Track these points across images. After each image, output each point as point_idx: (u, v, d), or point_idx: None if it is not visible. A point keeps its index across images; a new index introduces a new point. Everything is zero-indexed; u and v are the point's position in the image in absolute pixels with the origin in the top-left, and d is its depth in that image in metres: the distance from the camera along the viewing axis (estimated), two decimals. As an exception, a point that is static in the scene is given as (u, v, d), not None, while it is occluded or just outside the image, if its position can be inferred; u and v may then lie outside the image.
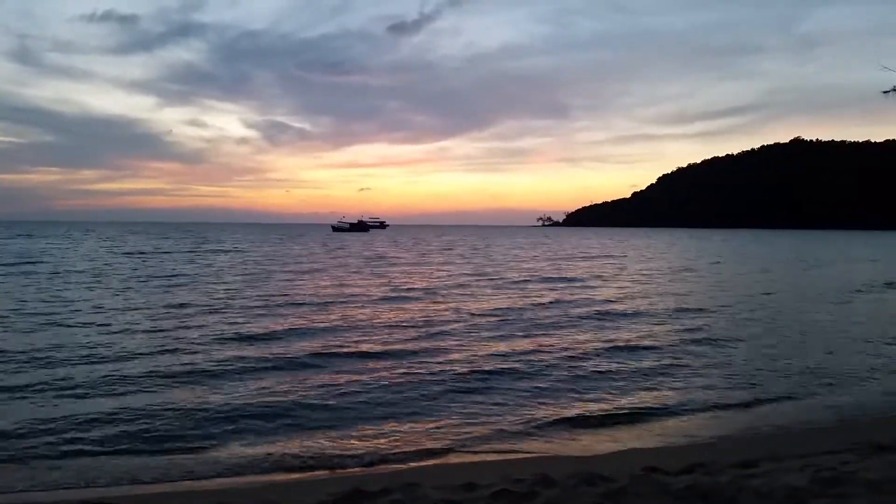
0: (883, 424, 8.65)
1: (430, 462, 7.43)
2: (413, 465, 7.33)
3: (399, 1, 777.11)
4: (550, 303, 21.99)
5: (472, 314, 19.03)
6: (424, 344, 14.31)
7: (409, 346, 14.10)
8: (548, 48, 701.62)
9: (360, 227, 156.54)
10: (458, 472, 6.52)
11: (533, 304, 21.50)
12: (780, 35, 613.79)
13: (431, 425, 8.69)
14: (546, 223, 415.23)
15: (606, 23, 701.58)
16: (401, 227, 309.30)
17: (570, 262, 47.09)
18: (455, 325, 16.95)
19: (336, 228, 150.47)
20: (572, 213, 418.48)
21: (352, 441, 8.09)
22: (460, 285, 28.41)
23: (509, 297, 23.72)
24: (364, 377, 11.09)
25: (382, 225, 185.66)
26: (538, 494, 5.32)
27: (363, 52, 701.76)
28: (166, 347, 13.39)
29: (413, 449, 7.81)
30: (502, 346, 14.11)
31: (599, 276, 34.02)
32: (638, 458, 6.88)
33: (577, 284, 29.55)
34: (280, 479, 6.85)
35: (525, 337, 15.44)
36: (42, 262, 38.24)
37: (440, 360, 12.60)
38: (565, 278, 32.68)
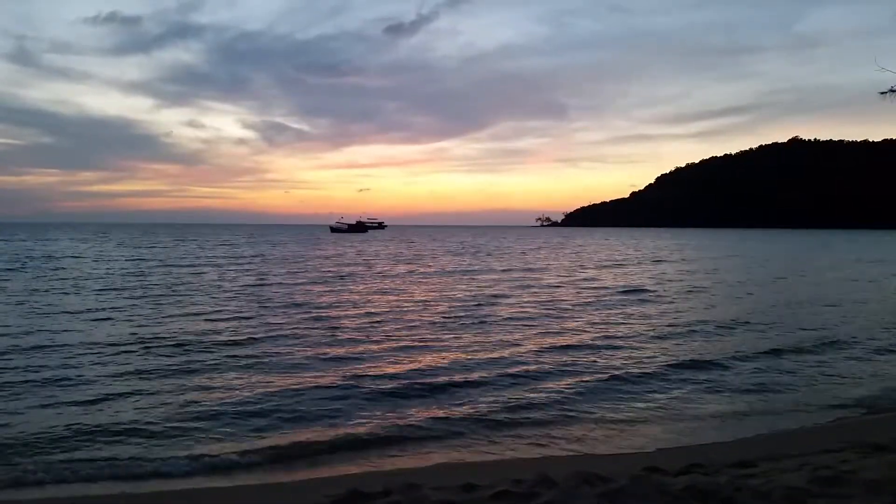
0: (882, 424, 8.66)
1: (430, 462, 7.43)
2: (413, 465, 7.32)
3: (396, 2, 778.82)
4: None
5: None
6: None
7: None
8: (546, 49, 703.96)
9: (359, 227, 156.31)
10: (457, 473, 6.50)
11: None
12: (778, 35, 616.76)
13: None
14: (545, 223, 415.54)
15: (604, 23, 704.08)
16: (399, 227, 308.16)
17: (638, 268, 42.74)
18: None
19: (334, 229, 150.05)
20: (571, 213, 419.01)
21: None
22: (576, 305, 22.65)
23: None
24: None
25: (381, 226, 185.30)
26: (538, 495, 5.30)
27: (361, 53, 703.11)
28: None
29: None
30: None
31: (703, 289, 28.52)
32: (637, 458, 6.89)
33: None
34: (279, 480, 6.85)
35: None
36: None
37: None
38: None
